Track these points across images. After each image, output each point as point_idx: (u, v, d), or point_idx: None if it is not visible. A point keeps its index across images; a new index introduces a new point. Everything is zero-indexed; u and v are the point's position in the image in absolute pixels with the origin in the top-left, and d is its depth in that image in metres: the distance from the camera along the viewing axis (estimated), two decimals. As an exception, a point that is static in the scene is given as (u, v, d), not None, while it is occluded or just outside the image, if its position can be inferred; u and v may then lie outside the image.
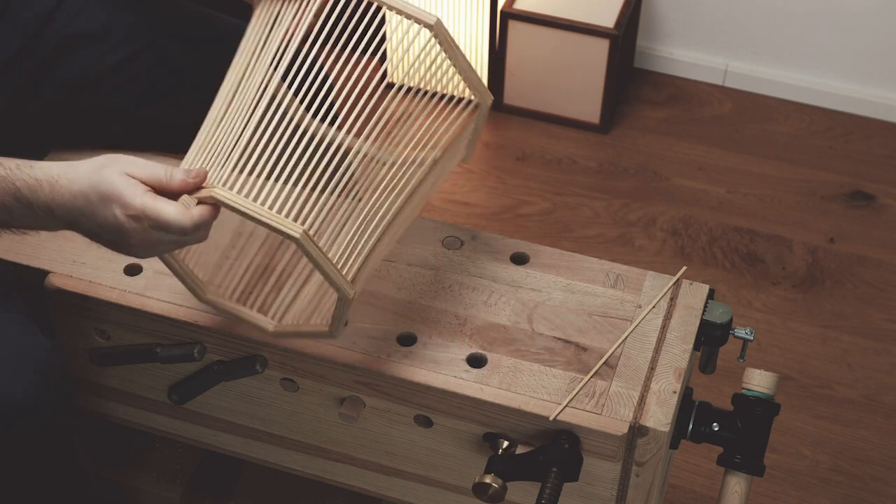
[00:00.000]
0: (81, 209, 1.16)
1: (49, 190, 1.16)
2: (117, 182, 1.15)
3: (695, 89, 2.49)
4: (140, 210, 1.14)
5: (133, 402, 1.47)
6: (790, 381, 1.98)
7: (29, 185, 1.16)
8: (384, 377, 1.29)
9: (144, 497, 1.68)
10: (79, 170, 1.17)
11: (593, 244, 2.19)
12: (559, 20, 2.28)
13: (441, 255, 1.40)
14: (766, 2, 2.37)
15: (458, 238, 1.42)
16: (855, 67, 2.40)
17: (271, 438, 1.43)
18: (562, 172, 2.33)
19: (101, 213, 1.15)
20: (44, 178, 1.17)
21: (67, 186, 1.16)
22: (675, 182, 2.31)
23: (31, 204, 1.17)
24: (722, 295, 2.10)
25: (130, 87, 1.47)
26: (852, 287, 2.13)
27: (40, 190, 1.16)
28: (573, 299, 1.36)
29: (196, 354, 1.32)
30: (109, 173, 1.15)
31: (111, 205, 1.15)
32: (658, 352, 1.30)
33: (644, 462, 1.26)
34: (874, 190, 2.30)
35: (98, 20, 1.46)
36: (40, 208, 1.17)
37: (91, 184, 1.15)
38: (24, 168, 1.17)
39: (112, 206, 1.15)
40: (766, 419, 1.31)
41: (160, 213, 1.14)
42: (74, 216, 1.17)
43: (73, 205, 1.16)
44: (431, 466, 1.37)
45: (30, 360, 1.24)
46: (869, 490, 1.85)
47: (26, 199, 1.17)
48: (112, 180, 1.15)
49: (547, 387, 1.27)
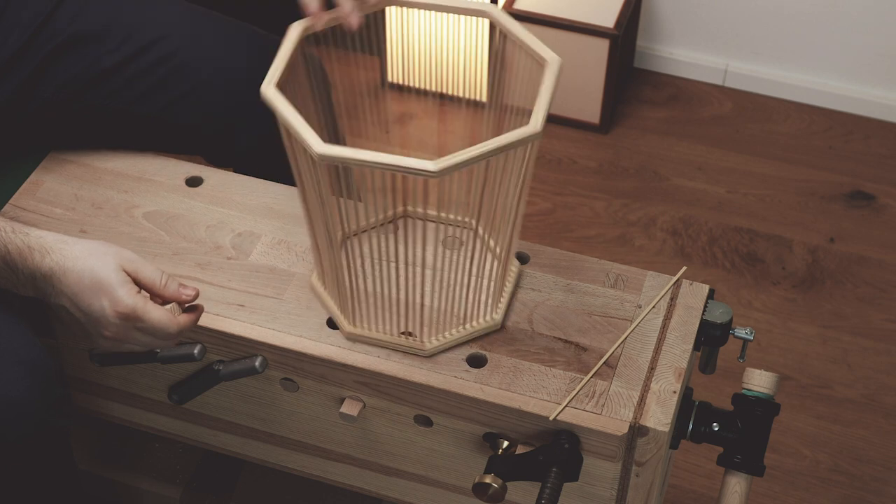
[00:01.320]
0: (70, 287, 1.18)
1: (39, 258, 1.18)
2: (114, 277, 1.17)
3: (695, 89, 2.49)
4: (131, 310, 1.17)
5: (133, 402, 1.47)
6: (790, 381, 1.98)
7: (20, 250, 1.19)
8: (384, 377, 1.29)
9: (144, 497, 1.68)
10: (74, 248, 1.19)
11: (593, 244, 2.19)
12: (559, 20, 2.28)
13: (441, 255, 1.40)
14: (766, 2, 2.37)
15: (459, 238, 1.42)
16: (855, 67, 2.40)
17: (271, 438, 1.43)
18: (562, 172, 2.33)
19: (87, 300, 1.18)
20: (36, 246, 1.19)
21: (59, 262, 1.18)
22: (675, 182, 2.31)
23: (16, 268, 1.19)
24: (722, 295, 2.10)
25: (130, 88, 1.47)
26: (852, 287, 2.13)
27: (30, 257, 1.19)
28: (573, 299, 1.36)
29: (196, 354, 1.32)
30: (107, 263, 1.18)
31: (101, 296, 1.17)
32: (658, 352, 1.30)
33: (644, 462, 1.26)
34: (874, 190, 2.30)
35: (97, 20, 1.46)
36: (24, 274, 1.19)
37: (87, 267, 1.18)
38: (19, 233, 1.20)
39: (102, 298, 1.17)
40: (766, 419, 1.31)
41: (149, 317, 1.18)
42: (57, 290, 1.19)
43: (61, 280, 1.18)
44: (431, 466, 1.37)
45: (22, 360, 1.24)
46: (869, 490, 1.85)
47: (13, 263, 1.19)
48: (108, 272, 1.17)
49: (547, 387, 1.27)
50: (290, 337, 1.31)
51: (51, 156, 1.51)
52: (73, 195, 1.46)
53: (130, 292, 1.18)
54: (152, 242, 1.41)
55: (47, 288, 1.20)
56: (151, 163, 1.50)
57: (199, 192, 1.47)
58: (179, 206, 1.45)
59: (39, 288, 1.20)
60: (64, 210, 1.44)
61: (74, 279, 1.18)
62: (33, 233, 1.20)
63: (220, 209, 1.45)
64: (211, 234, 1.42)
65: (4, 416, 1.22)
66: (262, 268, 1.38)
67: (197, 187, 1.48)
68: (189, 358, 1.33)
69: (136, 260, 1.20)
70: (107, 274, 1.17)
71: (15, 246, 1.19)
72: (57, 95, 1.47)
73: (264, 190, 1.48)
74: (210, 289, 1.36)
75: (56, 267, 1.18)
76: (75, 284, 1.18)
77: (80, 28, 1.45)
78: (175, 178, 1.49)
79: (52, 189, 1.47)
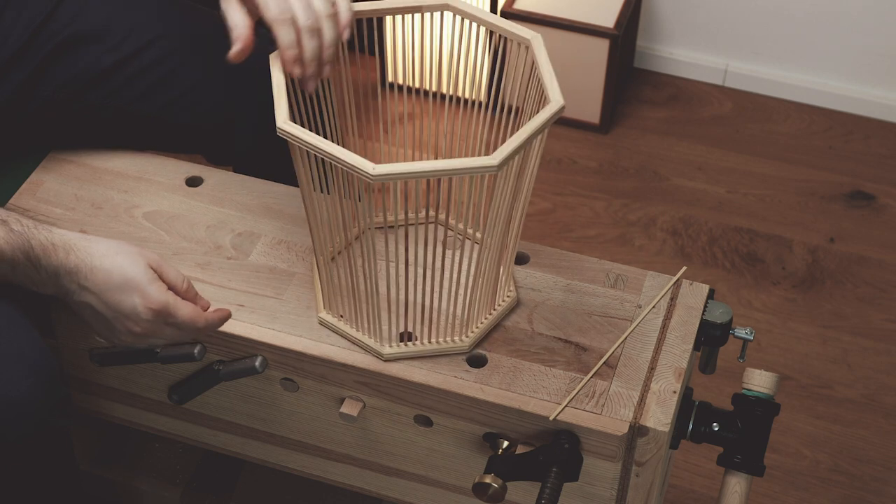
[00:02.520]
0: (98, 285, 1.20)
1: (63, 256, 1.20)
2: (144, 275, 1.20)
3: (695, 89, 2.49)
4: (163, 306, 1.20)
5: (133, 402, 1.47)
6: (790, 381, 1.98)
7: (43, 246, 1.20)
8: (384, 377, 1.29)
9: (144, 497, 1.68)
10: (100, 246, 1.21)
11: (593, 244, 2.19)
12: (559, 20, 2.28)
13: (441, 254, 1.40)
14: (766, 2, 2.37)
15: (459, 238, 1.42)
16: (855, 67, 2.40)
17: (271, 438, 1.43)
18: (562, 172, 2.33)
19: (117, 297, 1.20)
20: (60, 243, 1.20)
21: (85, 260, 1.20)
22: (675, 182, 2.31)
23: (39, 264, 1.20)
24: (722, 295, 2.10)
25: (130, 87, 1.47)
26: (852, 287, 2.13)
27: (53, 253, 1.20)
28: (573, 299, 1.36)
29: (196, 354, 1.32)
30: (137, 262, 1.21)
31: (133, 294, 1.20)
32: (658, 352, 1.30)
33: (644, 462, 1.26)
34: (874, 190, 2.30)
35: (98, 19, 1.46)
36: (47, 271, 1.20)
37: (116, 265, 1.20)
38: (42, 230, 1.21)
39: (133, 295, 1.20)
40: (766, 419, 1.31)
41: (180, 313, 1.21)
42: (82, 287, 1.21)
43: (87, 277, 1.20)
44: (431, 466, 1.37)
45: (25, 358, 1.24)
46: (869, 490, 1.85)
47: (36, 259, 1.20)
48: (138, 270, 1.20)
49: (547, 387, 1.27)
50: (290, 337, 1.31)
51: (51, 156, 1.51)
52: (73, 195, 1.46)
53: (161, 289, 1.21)
54: (152, 242, 1.41)
55: (71, 285, 1.21)
56: (151, 163, 1.50)
57: (199, 192, 1.47)
58: (179, 206, 1.45)
59: (62, 285, 1.21)
60: (64, 210, 1.44)
61: (103, 277, 1.20)
62: (56, 230, 1.22)
63: (220, 209, 1.45)
64: (211, 234, 1.42)
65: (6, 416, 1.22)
66: (262, 268, 1.38)
67: (197, 187, 1.48)
68: (189, 358, 1.33)
69: (160, 260, 1.23)
70: (137, 272, 1.20)
71: (38, 242, 1.19)
72: (57, 95, 1.47)
73: (264, 190, 1.48)
74: (210, 289, 1.36)
75: (82, 265, 1.20)
76: (103, 283, 1.20)
77: (79, 27, 1.45)
78: (175, 178, 1.49)
79: (52, 189, 1.47)
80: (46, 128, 1.51)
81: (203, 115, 1.50)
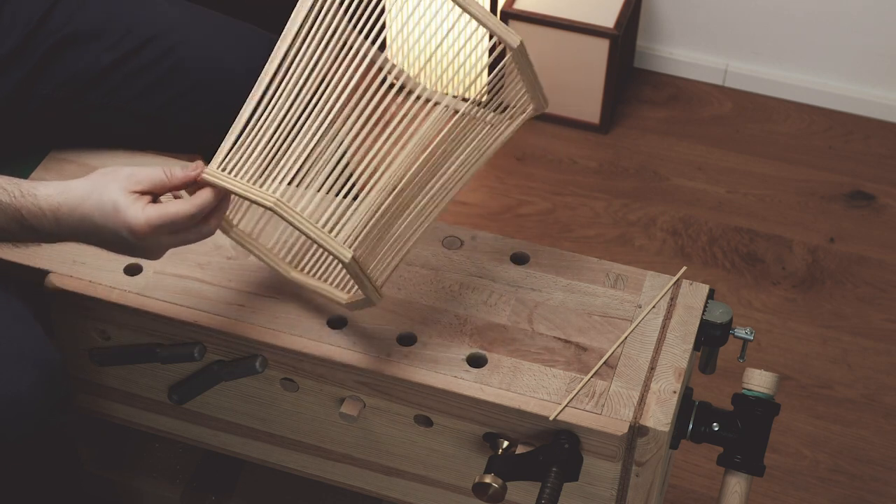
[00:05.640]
0: (88, 232, 1.19)
1: (53, 219, 1.19)
2: (119, 201, 1.16)
3: (695, 89, 2.49)
4: (146, 225, 1.16)
5: (133, 402, 1.47)
6: (790, 381, 1.98)
7: (33, 214, 1.19)
8: (384, 377, 1.29)
9: (144, 497, 1.68)
10: (77, 192, 1.18)
11: (593, 244, 2.19)
12: (559, 20, 2.28)
13: (441, 255, 1.40)
14: (766, 2, 2.37)
15: (458, 238, 1.42)
16: (855, 67, 2.40)
17: (271, 438, 1.43)
18: (562, 172, 2.33)
19: (108, 233, 1.18)
20: (47, 207, 1.18)
21: (69, 214, 1.18)
22: (675, 182, 2.31)
23: (35, 229, 1.19)
24: (722, 295, 2.10)
25: (129, 86, 1.47)
26: (852, 287, 2.13)
27: (44, 218, 1.19)
28: (573, 299, 1.36)
29: (196, 354, 1.32)
30: (109, 193, 1.17)
31: (117, 226, 1.17)
32: (658, 352, 1.30)
33: (644, 462, 1.26)
34: (874, 190, 2.30)
35: (96, 18, 1.46)
36: (45, 232, 1.20)
37: (94, 206, 1.17)
38: (28, 196, 1.19)
39: (118, 228, 1.17)
40: (766, 419, 1.31)
41: (165, 216, 1.16)
42: (81, 238, 1.20)
43: (80, 229, 1.19)
44: (431, 466, 1.37)
45: (26, 357, 1.24)
46: (869, 490, 1.85)
47: (30, 226, 1.19)
48: (113, 200, 1.16)
49: (547, 387, 1.27)
50: (290, 337, 1.31)
51: (51, 156, 1.51)
52: (73, 195, 1.46)
53: (138, 211, 1.16)
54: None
55: (72, 238, 1.21)
56: (151, 162, 1.50)
57: (199, 191, 1.47)
58: (179, 205, 1.45)
59: (65, 240, 1.21)
60: (64, 210, 1.44)
61: (89, 226, 1.18)
62: (40, 192, 1.19)
63: (220, 209, 1.45)
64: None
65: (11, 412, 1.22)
66: (262, 268, 1.38)
67: (197, 187, 1.47)
68: (189, 358, 1.33)
69: (134, 171, 1.18)
70: (112, 203, 1.16)
71: (28, 210, 1.18)
72: (56, 94, 1.47)
73: (264, 190, 1.47)
74: (210, 289, 1.36)
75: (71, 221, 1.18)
76: (92, 228, 1.18)
77: (78, 26, 1.45)
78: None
79: (52, 189, 1.47)
80: (46, 127, 1.51)
81: (203, 115, 1.50)
